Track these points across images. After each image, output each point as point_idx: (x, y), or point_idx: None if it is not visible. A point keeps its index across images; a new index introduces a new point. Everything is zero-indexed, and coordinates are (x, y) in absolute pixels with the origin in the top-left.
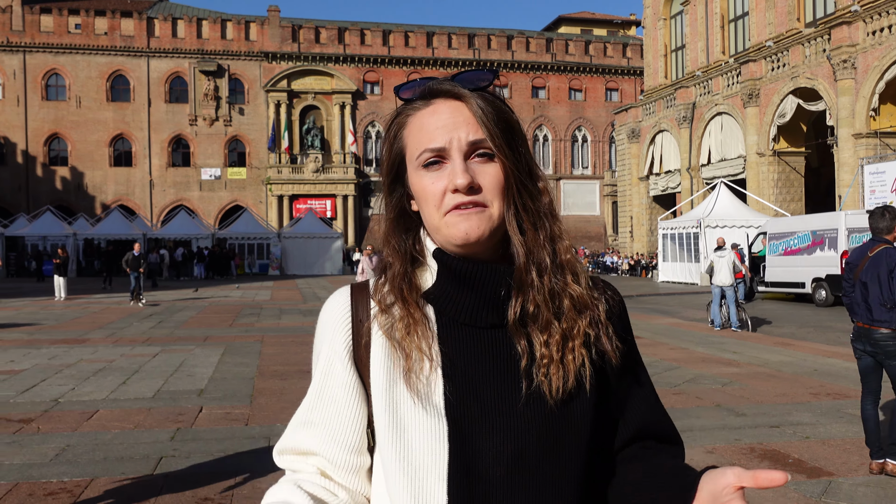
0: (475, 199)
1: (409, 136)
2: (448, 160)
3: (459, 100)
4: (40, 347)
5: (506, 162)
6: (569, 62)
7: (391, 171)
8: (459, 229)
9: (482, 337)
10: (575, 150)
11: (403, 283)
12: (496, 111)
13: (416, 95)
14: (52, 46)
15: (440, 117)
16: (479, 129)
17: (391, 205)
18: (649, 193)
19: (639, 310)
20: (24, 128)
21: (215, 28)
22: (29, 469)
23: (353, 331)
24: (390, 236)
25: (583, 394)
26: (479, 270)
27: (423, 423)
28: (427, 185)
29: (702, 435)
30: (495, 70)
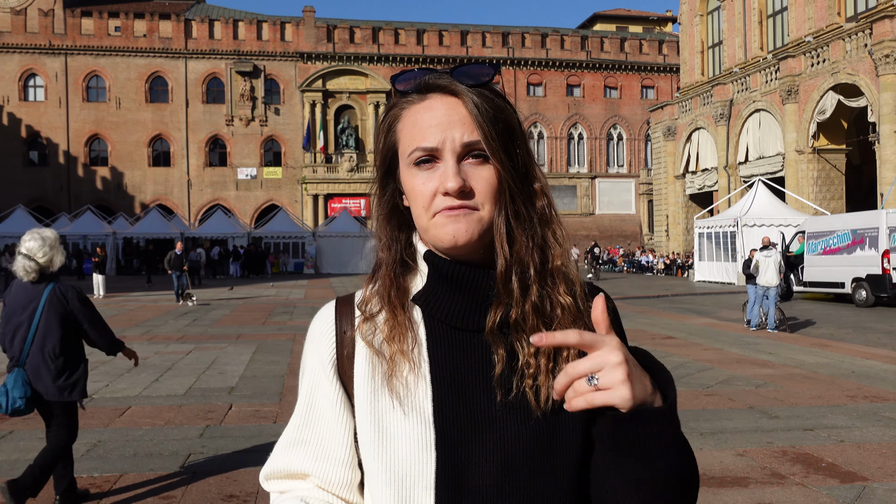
0: (465, 203)
1: (402, 131)
2: (440, 160)
3: (456, 96)
4: None
5: (499, 166)
6: (604, 60)
7: (384, 164)
8: (447, 232)
9: (473, 341)
10: (610, 149)
11: (392, 287)
12: (494, 110)
13: (411, 88)
14: (93, 49)
15: (434, 114)
16: (475, 130)
17: (383, 200)
18: (685, 192)
19: (673, 310)
20: (65, 129)
21: (251, 29)
22: None
23: (337, 343)
24: (381, 233)
25: None
26: (471, 273)
27: (409, 432)
28: (417, 185)
29: (733, 437)
30: (496, 65)
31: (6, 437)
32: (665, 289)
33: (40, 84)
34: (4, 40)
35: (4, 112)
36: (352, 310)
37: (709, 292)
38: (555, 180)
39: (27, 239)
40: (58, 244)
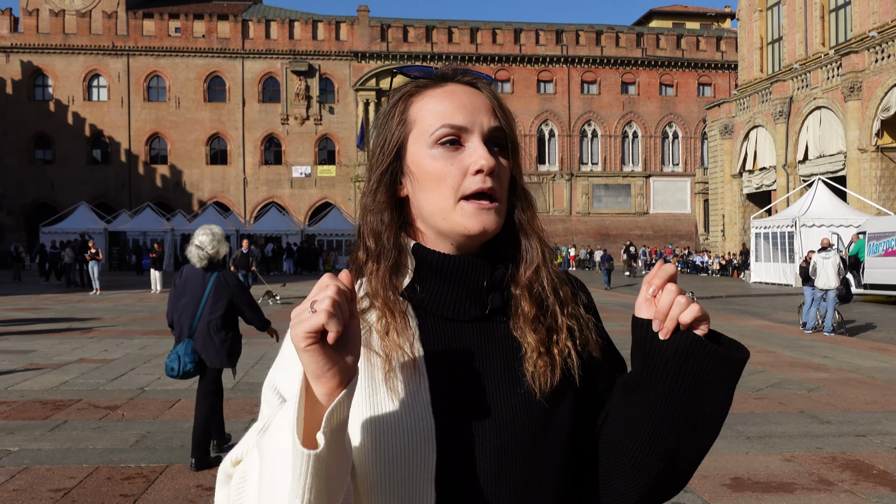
0: (494, 188)
1: (418, 114)
2: (465, 143)
3: (475, 87)
4: (133, 338)
5: (513, 160)
6: (660, 57)
7: (390, 152)
8: (477, 221)
9: (466, 330)
10: (665, 147)
11: (386, 281)
12: (506, 108)
13: (429, 75)
14: (154, 49)
15: (459, 97)
16: (497, 119)
17: (380, 190)
18: (742, 191)
19: (726, 311)
20: (127, 128)
21: (307, 29)
22: (110, 454)
23: None
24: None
25: (570, 384)
26: (461, 263)
27: (408, 424)
28: (442, 165)
29: (781, 442)
30: (493, 78)
31: (60, 427)
32: (720, 290)
33: (103, 84)
34: (70, 42)
35: (69, 112)
36: None
37: (765, 294)
38: (608, 179)
39: (200, 233)
40: (223, 238)
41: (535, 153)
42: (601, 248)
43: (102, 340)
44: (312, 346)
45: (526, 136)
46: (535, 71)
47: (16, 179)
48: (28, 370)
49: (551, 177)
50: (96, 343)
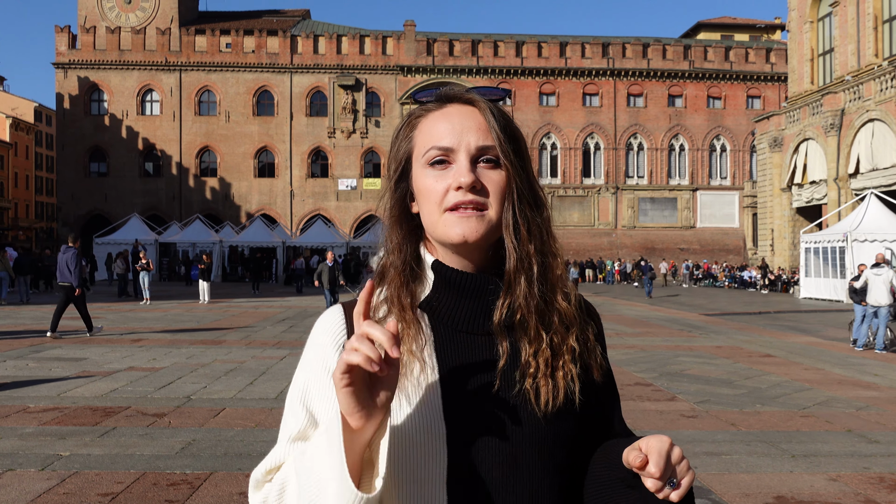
0: (476, 200)
1: (418, 136)
2: (454, 162)
3: (472, 105)
4: (180, 347)
5: (510, 168)
6: (707, 69)
7: (397, 169)
8: (456, 231)
9: (479, 343)
10: (713, 160)
11: (402, 291)
12: (505, 122)
13: (431, 98)
14: (205, 65)
15: (451, 119)
16: (489, 136)
17: (393, 204)
18: (792, 205)
19: (774, 327)
20: (178, 141)
21: (354, 44)
22: (156, 460)
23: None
24: (391, 238)
25: (571, 406)
26: (476, 280)
27: (421, 428)
28: (430, 183)
29: (826, 461)
30: (508, 90)
31: (109, 433)
32: (768, 305)
33: (156, 99)
34: (125, 58)
35: (123, 126)
36: None
37: (814, 310)
38: (654, 192)
39: None
40: None
41: (581, 166)
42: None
43: (151, 349)
44: (348, 386)
45: (571, 149)
46: (580, 84)
47: (71, 191)
48: (80, 377)
49: (596, 190)
50: (145, 352)
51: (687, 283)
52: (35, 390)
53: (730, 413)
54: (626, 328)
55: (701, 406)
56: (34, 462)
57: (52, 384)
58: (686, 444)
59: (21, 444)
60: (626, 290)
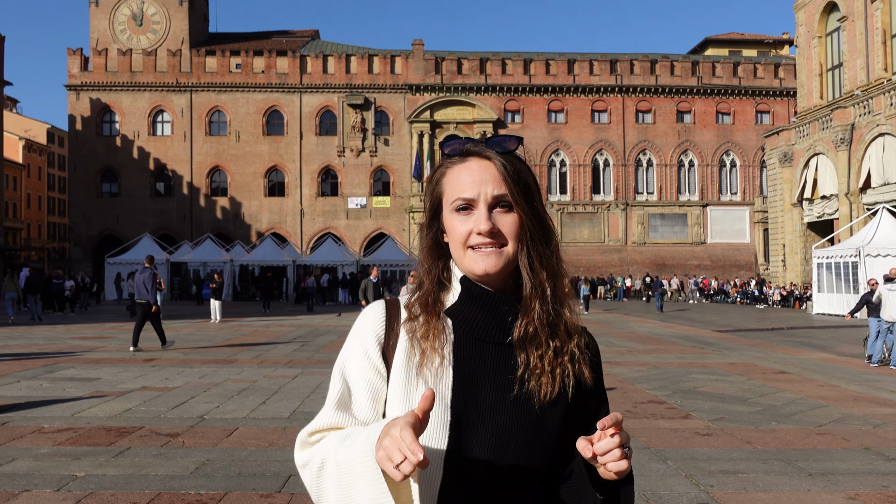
0: (493, 241)
1: (447, 185)
2: (475, 208)
3: (489, 160)
4: (193, 366)
5: (521, 213)
6: (716, 85)
7: (431, 210)
8: (479, 265)
9: (488, 350)
10: (723, 176)
11: (430, 298)
12: (517, 172)
13: (454, 152)
14: (215, 85)
15: (472, 173)
16: (503, 185)
17: (429, 236)
18: (803, 220)
19: (788, 343)
20: (189, 161)
21: (363, 63)
22: (171, 480)
23: (387, 330)
24: (425, 260)
25: (563, 399)
26: (494, 297)
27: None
28: (457, 226)
29: (844, 479)
30: (521, 138)
31: (123, 453)
32: (781, 321)
33: (167, 119)
34: (136, 79)
35: (135, 146)
36: (398, 310)
37: (828, 325)
38: (664, 208)
39: None
40: None
41: (590, 183)
42: (648, 276)
43: (164, 369)
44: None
45: (580, 165)
46: (588, 101)
47: (83, 212)
48: (93, 397)
49: (606, 206)
50: (158, 371)
51: (695, 300)
52: (49, 410)
53: (745, 431)
54: (638, 345)
55: (716, 424)
56: (50, 483)
57: (65, 404)
58: (702, 462)
59: (36, 464)
60: (636, 306)
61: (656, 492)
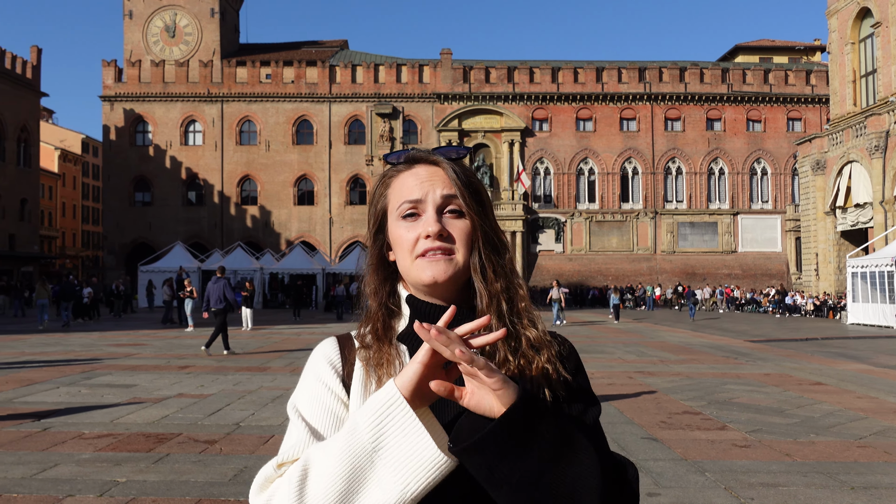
0: (443, 246)
1: (391, 194)
2: (423, 213)
3: (437, 165)
4: (227, 374)
5: (473, 216)
6: (746, 92)
7: (375, 223)
8: (427, 273)
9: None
10: (753, 184)
11: (379, 324)
12: (467, 177)
13: (400, 160)
14: (246, 95)
15: (419, 176)
16: (452, 188)
17: (373, 254)
18: (837, 229)
19: (823, 354)
20: (220, 171)
21: (391, 73)
22: (210, 487)
23: (342, 365)
24: (370, 280)
25: None
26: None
27: None
28: (403, 233)
29: (888, 494)
30: (469, 147)
31: (163, 459)
32: (815, 331)
33: (199, 129)
34: (169, 90)
35: (167, 156)
36: (351, 343)
37: (864, 336)
38: (694, 217)
39: None
40: None
41: (619, 191)
42: (681, 285)
43: (199, 376)
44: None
45: (609, 174)
46: (617, 109)
47: (117, 220)
48: (131, 403)
49: (635, 215)
50: (193, 378)
51: (723, 309)
52: (89, 416)
53: (783, 443)
54: (670, 355)
55: (753, 435)
56: (92, 488)
57: (104, 410)
58: (741, 474)
59: (79, 469)
60: (666, 315)
61: None
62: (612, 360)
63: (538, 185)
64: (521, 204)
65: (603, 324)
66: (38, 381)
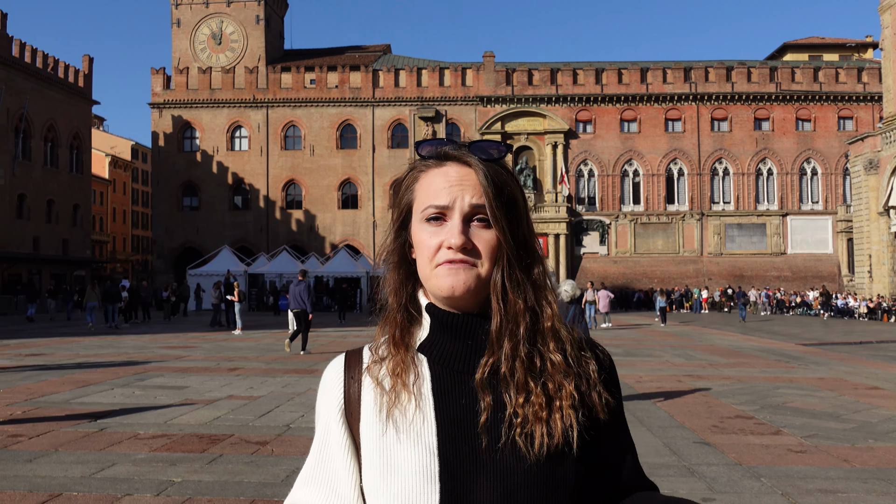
0: (465, 258)
1: (418, 190)
2: (448, 218)
3: (469, 167)
4: (275, 376)
5: (500, 232)
6: (795, 91)
7: (399, 218)
8: (446, 283)
9: (473, 383)
10: (803, 184)
11: (397, 329)
12: (500, 183)
13: (431, 154)
14: (291, 101)
15: (448, 178)
16: (483, 196)
17: (394, 250)
18: (890, 229)
19: (879, 358)
20: (265, 175)
21: (434, 76)
22: (263, 488)
23: (345, 389)
24: (390, 279)
25: (569, 451)
26: (468, 322)
27: (415, 464)
28: (425, 238)
29: None
30: (509, 145)
31: (217, 460)
32: (870, 335)
33: (244, 135)
34: (215, 96)
35: (214, 161)
36: (360, 358)
37: None
38: (742, 218)
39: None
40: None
41: (664, 193)
42: (731, 288)
43: (248, 378)
44: None
45: (654, 175)
46: (662, 110)
47: (165, 225)
48: (184, 405)
49: (681, 217)
50: (243, 380)
51: (766, 311)
52: (143, 417)
53: (841, 449)
54: (720, 358)
55: (809, 441)
56: (150, 487)
57: (158, 411)
58: (798, 480)
59: (135, 469)
60: (715, 318)
61: None
62: (661, 363)
63: (582, 188)
64: (564, 206)
65: (649, 327)
66: (94, 383)
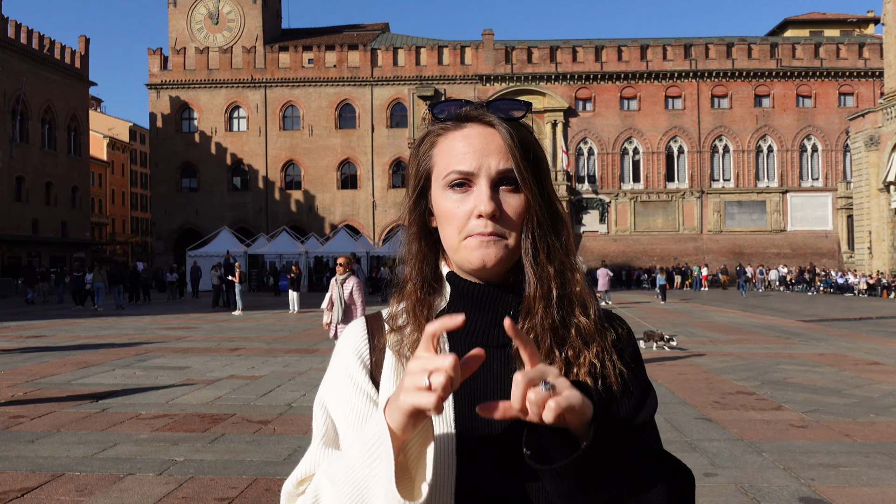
0: (496, 229)
1: (438, 155)
2: (474, 184)
3: (491, 127)
4: (276, 356)
5: (530, 195)
6: (796, 67)
7: (416, 186)
8: (477, 255)
9: (494, 356)
10: (804, 161)
11: (418, 303)
12: (525, 143)
13: (449, 116)
14: (289, 81)
15: (472, 141)
16: (509, 159)
17: (413, 220)
18: (891, 206)
19: (879, 333)
20: (264, 156)
21: (432, 55)
22: (266, 466)
23: (371, 350)
24: (410, 250)
25: None
26: (490, 292)
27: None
28: (451, 207)
29: None
30: (529, 103)
31: (219, 439)
32: (869, 311)
33: (243, 115)
34: (214, 77)
35: (213, 142)
36: (381, 324)
37: None
38: (742, 195)
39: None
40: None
41: (664, 170)
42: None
43: (249, 358)
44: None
45: (654, 153)
46: (662, 87)
47: (164, 206)
48: (185, 385)
49: (680, 194)
50: (244, 361)
51: (761, 287)
52: (145, 397)
53: (842, 423)
54: (720, 335)
55: (810, 416)
56: (152, 467)
57: (159, 392)
58: (799, 455)
59: (138, 449)
60: (714, 295)
61: (754, 484)
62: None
63: (581, 166)
64: (564, 185)
65: (649, 304)
66: (95, 364)
